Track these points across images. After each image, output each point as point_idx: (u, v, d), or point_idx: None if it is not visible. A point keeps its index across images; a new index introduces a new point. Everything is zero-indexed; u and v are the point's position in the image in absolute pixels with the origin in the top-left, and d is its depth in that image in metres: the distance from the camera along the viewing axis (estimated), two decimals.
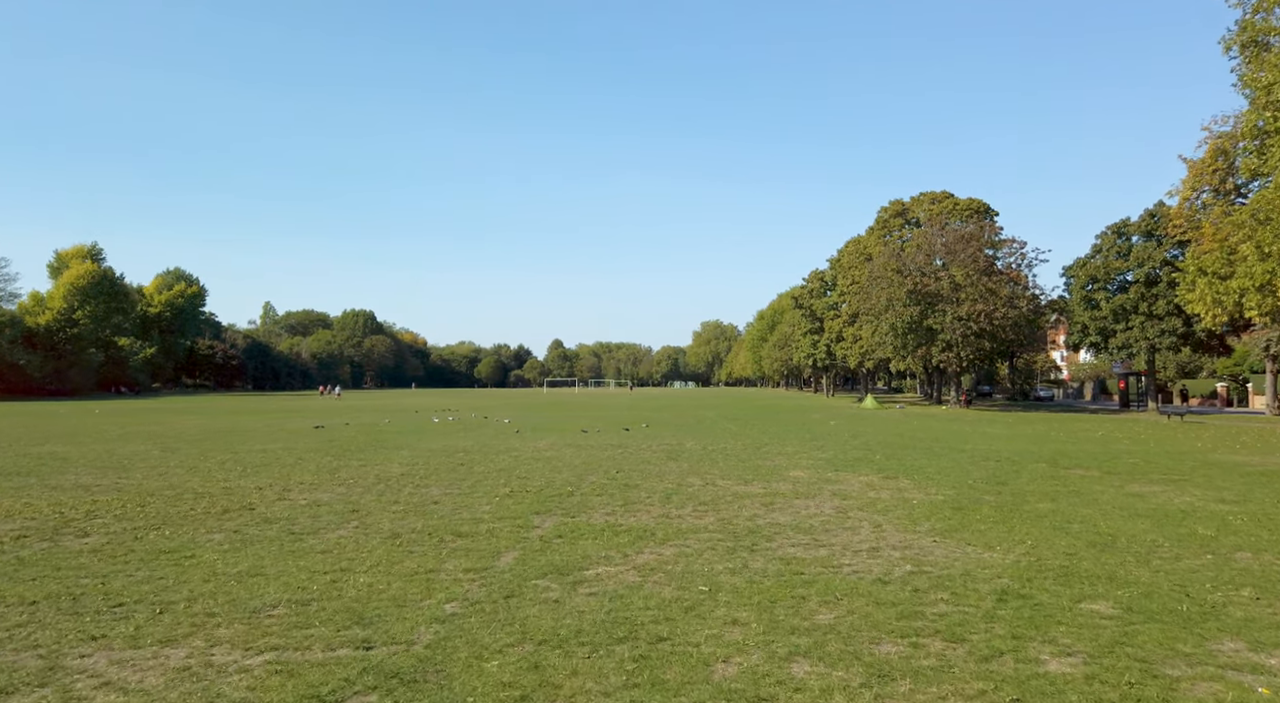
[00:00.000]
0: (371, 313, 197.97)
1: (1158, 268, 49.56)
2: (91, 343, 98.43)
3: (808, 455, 18.93)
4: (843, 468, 16.19)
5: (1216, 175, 38.64)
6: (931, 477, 14.66)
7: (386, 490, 12.63)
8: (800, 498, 12.02)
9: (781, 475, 14.90)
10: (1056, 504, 11.36)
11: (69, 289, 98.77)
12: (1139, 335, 49.24)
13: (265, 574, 7.00)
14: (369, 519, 9.92)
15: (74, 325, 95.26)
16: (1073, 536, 8.99)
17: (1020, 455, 18.96)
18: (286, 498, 11.76)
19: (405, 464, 16.67)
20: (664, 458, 18.37)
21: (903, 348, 55.08)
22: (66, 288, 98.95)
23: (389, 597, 6.28)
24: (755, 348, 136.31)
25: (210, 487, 13.00)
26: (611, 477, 14.57)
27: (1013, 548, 8.29)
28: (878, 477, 14.75)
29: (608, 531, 9.20)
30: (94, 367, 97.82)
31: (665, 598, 6.28)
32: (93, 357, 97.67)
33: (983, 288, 51.15)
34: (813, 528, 9.47)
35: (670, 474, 15.04)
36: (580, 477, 14.61)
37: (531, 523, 9.72)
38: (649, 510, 10.78)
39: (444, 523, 9.64)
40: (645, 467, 16.31)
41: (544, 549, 8.15)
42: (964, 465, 16.69)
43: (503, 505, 11.11)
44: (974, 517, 10.26)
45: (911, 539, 8.79)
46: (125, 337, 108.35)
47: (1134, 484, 13.79)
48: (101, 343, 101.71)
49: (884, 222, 68.77)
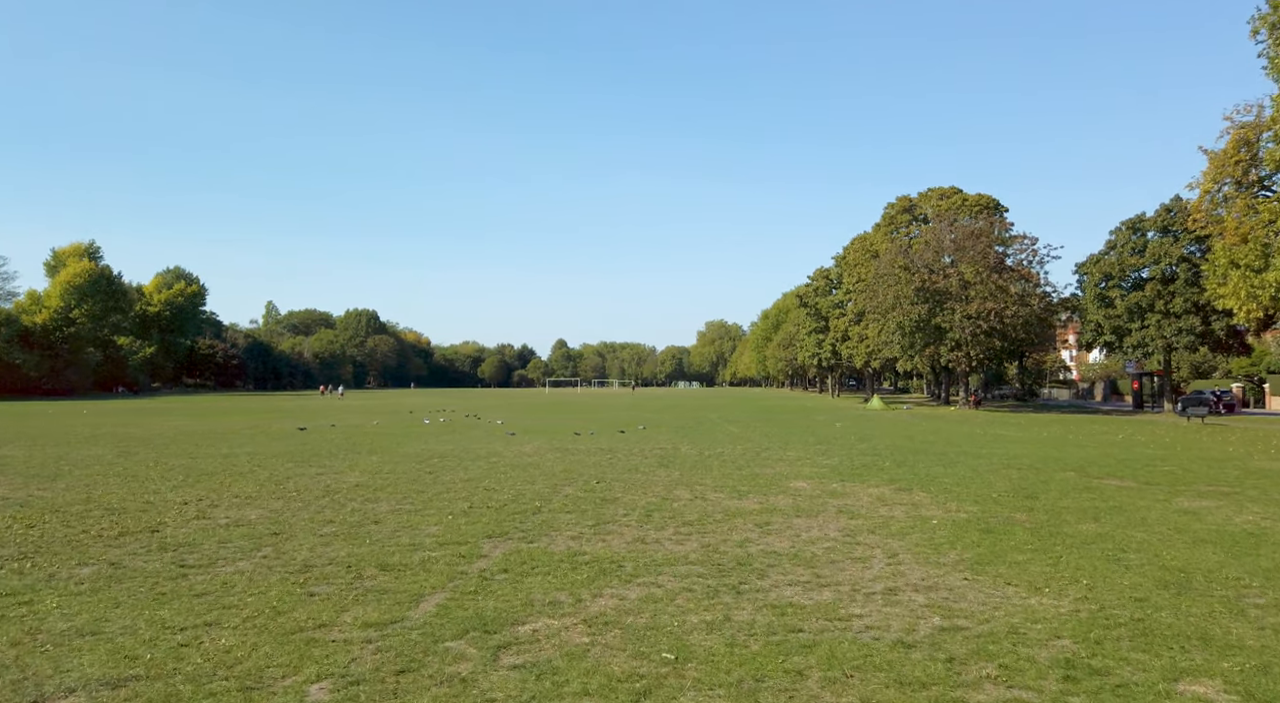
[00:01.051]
0: (374, 312, 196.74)
1: (1174, 264, 47.69)
2: (89, 342, 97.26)
3: (811, 462, 17.30)
4: (850, 478, 14.55)
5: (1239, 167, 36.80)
6: (950, 489, 13.02)
7: (329, 506, 11.05)
8: (801, 516, 10.40)
9: (781, 487, 13.28)
10: (1101, 526, 9.71)
11: (66, 288, 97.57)
12: (1155, 334, 47.34)
13: (101, 633, 5.39)
14: (286, 546, 8.33)
15: (71, 324, 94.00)
16: (1134, 570, 7.34)
17: (1043, 462, 17.28)
18: (207, 516, 10.18)
19: (368, 472, 15.09)
20: (655, 464, 16.77)
21: (910, 347, 53.28)
22: (63, 287, 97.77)
23: (241, 672, 4.67)
24: (759, 348, 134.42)
25: (131, 501, 11.44)
26: (591, 488, 12.97)
27: (1065, 590, 6.64)
28: (889, 488, 13.11)
29: (566, 562, 7.60)
30: (91, 366, 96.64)
31: (613, 674, 4.66)
32: (90, 356, 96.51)
33: (993, 285, 49.34)
34: (814, 559, 7.85)
35: (657, 484, 13.42)
36: (556, 487, 13.02)
37: (479, 551, 8.13)
38: (623, 533, 9.18)
39: (373, 551, 8.05)
40: (631, 475, 14.71)
41: (479, 590, 6.54)
42: (984, 475, 15.04)
43: (453, 526, 9.51)
44: (1007, 542, 8.62)
45: (936, 576, 7.16)
46: (124, 336, 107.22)
47: (1181, 498, 12.12)
48: (100, 342, 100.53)
49: (891, 218, 66.89)
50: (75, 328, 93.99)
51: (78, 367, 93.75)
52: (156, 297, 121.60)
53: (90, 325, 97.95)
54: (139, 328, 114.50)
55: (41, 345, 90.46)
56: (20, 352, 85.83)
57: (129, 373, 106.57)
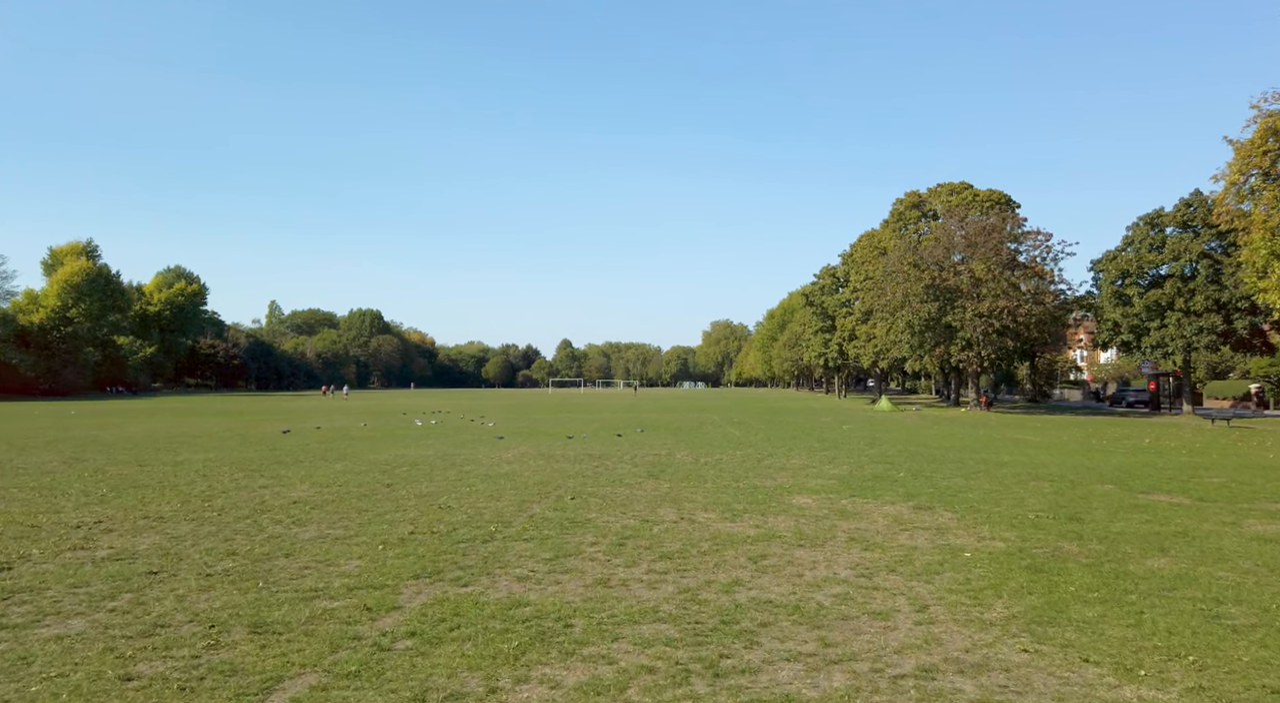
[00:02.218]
0: (379, 312, 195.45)
1: (1195, 261, 45.64)
2: (88, 342, 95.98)
3: (817, 472, 15.53)
4: (861, 492, 12.77)
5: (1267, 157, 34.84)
6: (977, 507, 11.23)
7: (245, 531, 9.34)
8: (805, 546, 8.64)
9: (783, 504, 11.51)
10: (1174, 561, 7.92)
11: (63, 287, 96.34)
12: (1175, 333, 45.29)
13: None
14: (153, 592, 6.62)
15: (68, 324, 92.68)
16: (1246, 635, 5.56)
17: (1075, 472, 15.46)
18: (89, 546, 8.48)
19: (318, 484, 13.40)
20: (643, 474, 15.03)
21: (920, 347, 51.35)
22: (60, 285, 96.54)
23: None
24: (765, 348, 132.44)
25: (17, 523, 9.75)
26: (563, 506, 11.24)
27: (1167, 671, 4.87)
28: (907, 507, 11.33)
29: (499, 618, 5.87)
30: (90, 366, 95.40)
31: None
32: (89, 356, 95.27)
33: (1006, 283, 47.42)
34: (821, 614, 6.09)
35: (640, 501, 11.68)
36: (523, 505, 11.29)
37: (394, 600, 6.40)
38: (584, 570, 7.44)
39: (256, 601, 6.33)
40: (613, 489, 12.98)
41: (362, 672, 4.81)
42: (1011, 487, 13.24)
43: (379, 561, 7.79)
44: (1065, 588, 6.84)
45: (984, 644, 5.40)
46: (124, 336, 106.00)
47: (1251, 520, 10.32)
48: (99, 342, 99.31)
49: (899, 214, 64.90)
50: (73, 327, 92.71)
51: (76, 367, 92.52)
52: (157, 296, 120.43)
53: (88, 325, 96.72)
54: (139, 328, 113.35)
55: (38, 345, 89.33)
56: (16, 352, 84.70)
57: (129, 373, 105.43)
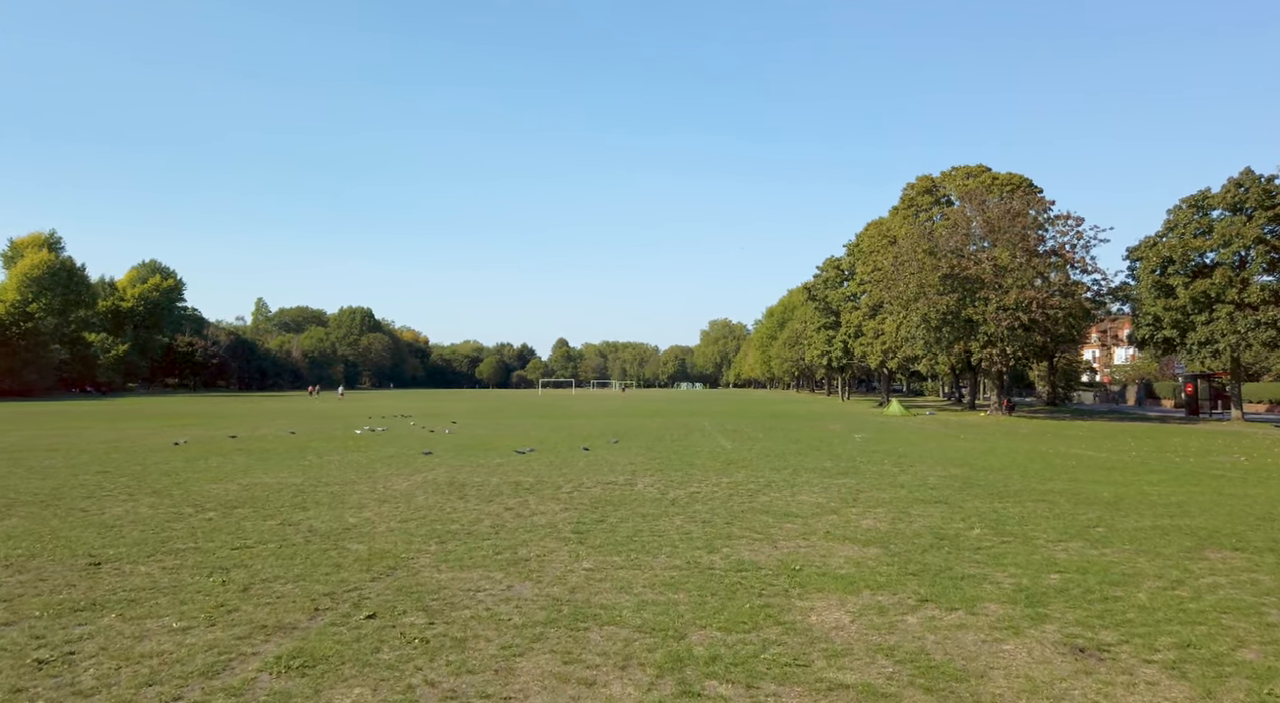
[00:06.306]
0: (369, 311, 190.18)
1: (1249, 248, 40.32)
2: (52, 339, 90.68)
3: (840, 521, 10.38)
4: (930, 580, 7.30)
5: None
6: (1145, 629, 6.18)
7: None
8: None
9: (788, 627, 6.17)
10: None
11: (22, 280, 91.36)
12: (1226, 329, 40.08)
13: None
14: None
15: (29, 319, 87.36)
16: None
17: (1229, 519, 10.37)
18: None
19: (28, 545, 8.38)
20: (566, 531, 9.70)
21: (936, 344, 46.06)
22: (20, 279, 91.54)
23: None
24: (764, 347, 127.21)
25: None
26: (339, 639, 6.21)
27: None
28: (1019, 608, 6.28)
29: None
30: (54, 365, 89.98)
31: None
32: (53, 354, 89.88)
33: (1032, 272, 42.26)
34: None
35: (508, 622, 6.63)
36: (272, 633, 6.26)
37: None
38: None
39: None
40: (483, 578, 7.91)
41: None
42: (1186, 566, 8.17)
43: None
44: None
45: None
46: (93, 333, 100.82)
47: None
48: (65, 339, 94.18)
49: (910, 200, 59.67)
50: (34, 323, 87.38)
51: (38, 365, 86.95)
52: (130, 291, 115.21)
53: (52, 321, 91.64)
54: (111, 325, 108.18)
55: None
56: None
57: (100, 372, 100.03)
